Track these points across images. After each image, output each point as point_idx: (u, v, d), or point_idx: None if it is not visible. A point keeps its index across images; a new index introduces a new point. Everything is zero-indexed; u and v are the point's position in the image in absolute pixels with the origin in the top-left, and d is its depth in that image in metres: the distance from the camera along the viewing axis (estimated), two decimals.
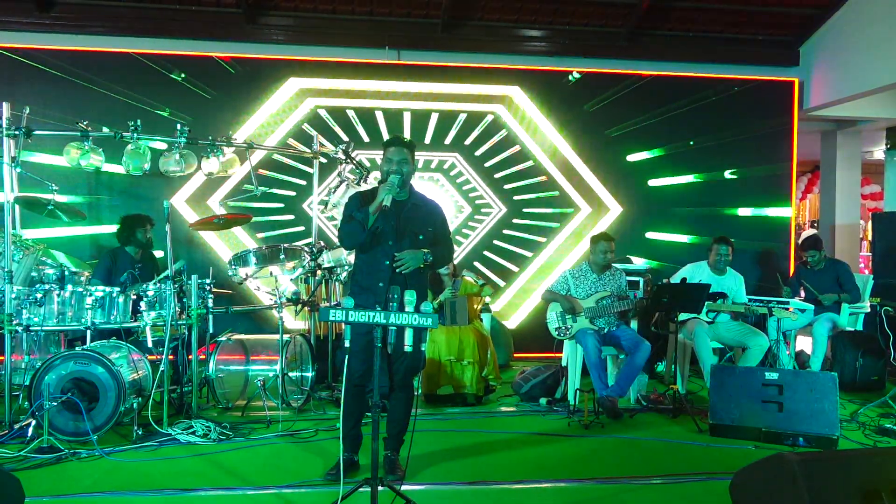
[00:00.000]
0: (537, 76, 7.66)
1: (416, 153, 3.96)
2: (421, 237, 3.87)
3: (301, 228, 7.30)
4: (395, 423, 3.96)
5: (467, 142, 7.56)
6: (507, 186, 7.64)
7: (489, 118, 7.58)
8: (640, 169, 7.81)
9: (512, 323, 7.61)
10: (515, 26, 7.75)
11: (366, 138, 7.36)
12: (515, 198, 7.65)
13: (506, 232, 7.67)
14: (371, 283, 3.82)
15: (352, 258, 4.83)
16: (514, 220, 7.67)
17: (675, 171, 7.85)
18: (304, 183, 7.27)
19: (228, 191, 7.14)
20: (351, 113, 7.36)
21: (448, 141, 7.54)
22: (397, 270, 3.77)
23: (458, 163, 7.57)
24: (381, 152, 3.95)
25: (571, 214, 7.75)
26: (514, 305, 7.66)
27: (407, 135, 7.39)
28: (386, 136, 7.34)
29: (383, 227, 3.81)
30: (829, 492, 2.80)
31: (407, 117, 7.49)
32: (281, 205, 7.25)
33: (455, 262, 6.44)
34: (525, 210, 7.68)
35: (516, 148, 7.64)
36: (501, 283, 7.61)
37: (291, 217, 7.33)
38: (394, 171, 3.79)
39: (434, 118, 7.51)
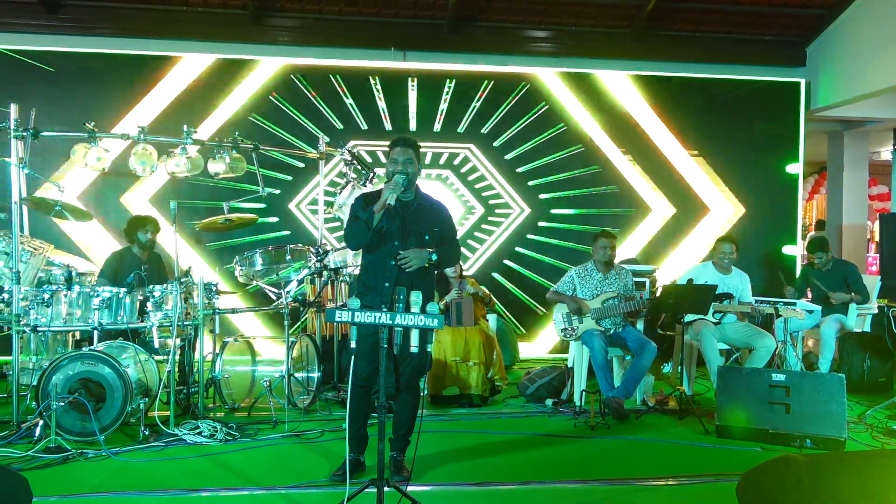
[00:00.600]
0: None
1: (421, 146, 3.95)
2: (427, 237, 3.87)
3: (286, 233, 7.16)
4: (401, 425, 3.96)
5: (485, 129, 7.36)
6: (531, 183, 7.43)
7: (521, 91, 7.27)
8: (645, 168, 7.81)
9: (541, 350, 7.29)
10: (521, 27, 7.75)
11: (362, 121, 7.20)
12: (542, 196, 7.44)
13: (531, 237, 7.48)
14: (377, 284, 3.83)
15: (359, 259, 4.83)
16: (541, 224, 7.46)
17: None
18: (289, 179, 7.15)
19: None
20: (339, 88, 7.20)
21: (462, 128, 7.34)
22: (402, 268, 3.77)
23: (473, 156, 7.37)
24: (376, 141, 3.96)
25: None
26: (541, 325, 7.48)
27: (413, 114, 7.32)
28: (386, 117, 7.28)
29: (389, 228, 3.81)
30: (836, 494, 2.79)
31: (412, 91, 7.34)
32: (262, 205, 6.81)
33: (470, 272, 6.43)
34: (554, 211, 7.45)
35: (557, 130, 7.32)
36: (541, 311, 7.24)
37: (276, 219, 7.14)
38: (399, 172, 3.79)
39: (448, 88, 7.21)
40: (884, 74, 7.12)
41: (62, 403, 4.32)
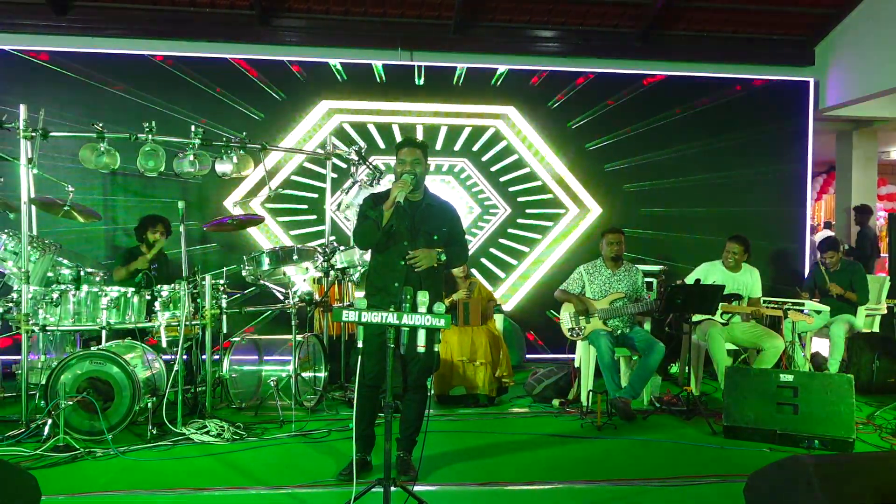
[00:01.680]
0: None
1: (430, 158, 3.98)
2: (435, 237, 3.88)
3: (323, 227, 7.33)
4: (409, 424, 3.97)
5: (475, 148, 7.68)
6: (511, 189, 7.72)
7: (491, 131, 7.69)
8: (653, 169, 7.79)
9: (509, 305, 7.69)
10: (527, 27, 7.74)
11: (382, 145, 7.46)
12: (519, 199, 7.74)
13: (510, 231, 7.77)
14: (386, 284, 3.84)
15: (366, 257, 4.82)
16: (519, 220, 7.76)
17: (690, 171, 7.81)
18: (325, 185, 7.31)
19: (245, 192, 7.23)
20: (371, 127, 7.49)
21: (457, 148, 7.65)
22: (413, 268, 3.78)
23: (467, 167, 7.66)
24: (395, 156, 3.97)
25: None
26: (514, 289, 7.74)
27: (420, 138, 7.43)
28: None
29: (398, 228, 3.82)
30: (844, 495, 2.78)
31: (420, 130, 7.61)
32: (305, 206, 7.36)
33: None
34: (528, 211, 7.74)
35: (515, 156, 7.73)
36: (503, 275, 7.71)
37: (314, 217, 7.43)
38: (407, 171, 3.81)
39: (443, 131, 7.61)
40: (893, 73, 7.09)
41: (70, 402, 4.34)
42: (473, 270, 7.29)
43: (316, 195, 7.33)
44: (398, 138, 7.42)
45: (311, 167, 7.37)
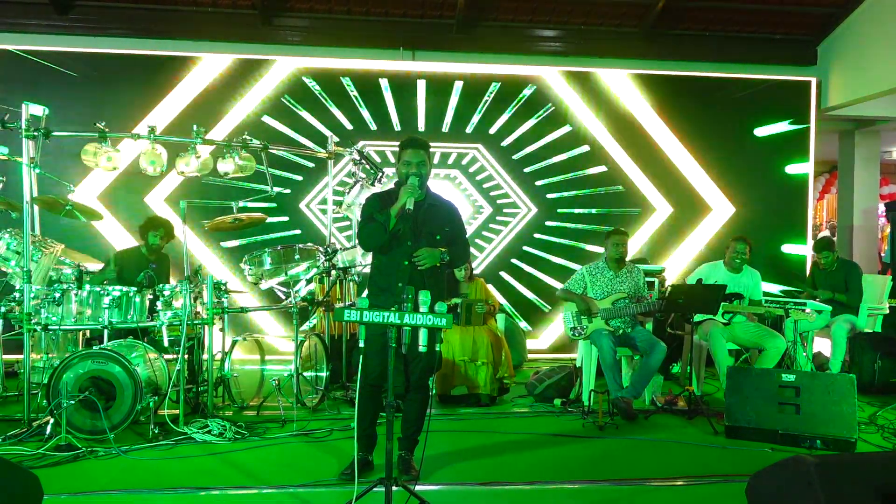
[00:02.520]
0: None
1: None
2: (438, 237, 3.88)
3: (297, 231, 7.18)
4: (410, 424, 3.96)
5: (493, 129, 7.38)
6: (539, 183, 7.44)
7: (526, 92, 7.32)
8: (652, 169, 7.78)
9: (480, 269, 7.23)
10: (530, 26, 7.74)
11: (369, 119, 7.23)
12: (549, 196, 7.44)
13: (538, 236, 7.47)
14: (390, 284, 3.84)
15: (369, 258, 4.81)
16: (548, 223, 7.46)
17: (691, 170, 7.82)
18: (300, 179, 7.17)
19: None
20: (348, 84, 7.23)
21: (469, 129, 7.36)
22: (417, 267, 3.79)
23: (481, 156, 7.40)
24: (383, 141, 3.97)
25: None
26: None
27: (421, 115, 7.33)
28: (395, 117, 7.29)
29: (402, 229, 3.82)
30: (846, 495, 2.77)
31: (422, 88, 7.37)
32: (272, 205, 6.68)
33: (478, 271, 6.43)
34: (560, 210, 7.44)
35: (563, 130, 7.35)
36: (547, 308, 7.30)
37: (285, 219, 7.16)
38: (413, 174, 3.81)
39: (457, 89, 7.26)
40: (895, 73, 7.07)
41: (73, 401, 4.34)
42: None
43: (288, 191, 7.22)
44: (387, 94, 7.27)
45: (288, 158, 7.06)
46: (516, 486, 3.84)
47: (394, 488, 3.12)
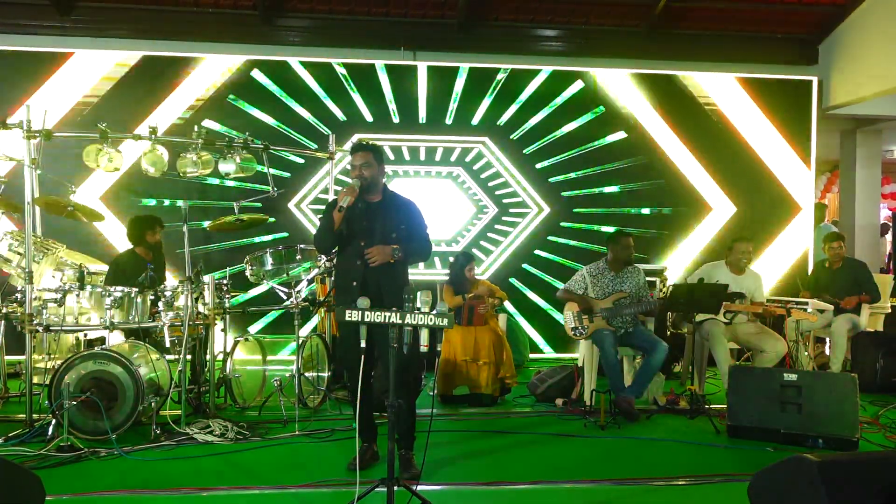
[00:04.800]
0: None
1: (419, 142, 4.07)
2: (393, 235, 3.96)
3: (284, 234, 7.11)
4: (401, 423, 3.97)
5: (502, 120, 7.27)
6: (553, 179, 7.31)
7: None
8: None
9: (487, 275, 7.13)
10: (531, 26, 7.73)
11: (364, 110, 7.18)
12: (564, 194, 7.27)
13: (551, 239, 7.34)
14: (345, 284, 3.97)
15: None
16: (563, 224, 7.36)
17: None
18: (287, 175, 7.09)
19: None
20: (344, 75, 7.17)
21: (476, 121, 7.27)
22: (368, 265, 3.87)
23: (487, 150, 7.27)
24: (381, 134, 4.03)
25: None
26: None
27: (422, 105, 7.31)
28: (394, 106, 7.26)
29: (355, 229, 3.94)
30: (848, 495, 2.77)
31: (423, 75, 7.29)
32: (257, 204, 6.11)
33: (485, 277, 6.41)
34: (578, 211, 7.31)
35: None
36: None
37: (272, 220, 6.87)
38: (356, 176, 3.94)
39: (462, 75, 7.14)
40: None
41: (74, 402, 4.34)
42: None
43: (281, 192, 7.08)
44: (384, 81, 7.18)
45: (275, 154, 6.81)
46: (518, 485, 3.84)
47: (396, 488, 3.12)
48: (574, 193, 7.47)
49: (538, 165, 7.44)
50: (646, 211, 7.61)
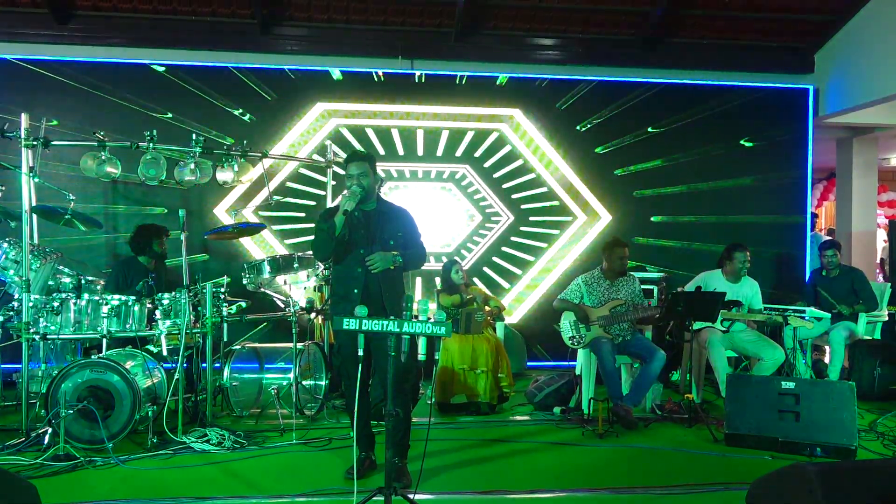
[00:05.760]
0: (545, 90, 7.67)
1: (412, 164, 4.10)
2: (391, 242, 4.01)
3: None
4: (396, 430, 3.97)
5: (476, 154, 7.64)
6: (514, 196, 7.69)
7: (494, 135, 7.66)
8: (654, 176, 7.79)
9: (516, 317, 7.61)
10: (528, 35, 7.76)
11: (381, 151, 7.44)
12: (523, 206, 7.70)
13: (514, 239, 7.72)
14: (346, 292, 3.97)
15: None
16: (522, 228, 7.72)
17: (688, 179, 7.82)
18: (323, 193, 7.30)
19: (234, 199, 7.18)
20: (370, 131, 7.45)
21: (459, 154, 7.62)
22: (369, 272, 3.90)
23: (469, 174, 7.63)
24: (395, 164, 4.06)
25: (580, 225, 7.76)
26: (519, 299, 7.67)
27: (420, 149, 7.47)
28: (401, 151, 7.41)
29: (354, 237, 3.96)
30: (847, 503, 2.77)
31: (420, 134, 7.56)
32: (303, 214, 7.27)
33: (465, 268, 6.49)
34: (532, 218, 7.70)
35: (519, 161, 7.70)
36: (507, 285, 7.64)
37: (312, 225, 7.35)
38: (354, 184, 3.97)
39: (445, 135, 7.58)
40: (893, 80, 7.09)
41: (71, 411, 4.33)
42: (476, 280, 7.33)
43: (314, 203, 7.29)
44: (398, 143, 7.44)
45: (308, 174, 7.31)
46: (516, 494, 3.84)
47: (393, 497, 3.12)
48: (529, 207, 7.75)
49: (504, 186, 7.72)
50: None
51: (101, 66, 7.09)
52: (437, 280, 6.26)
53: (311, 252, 5.59)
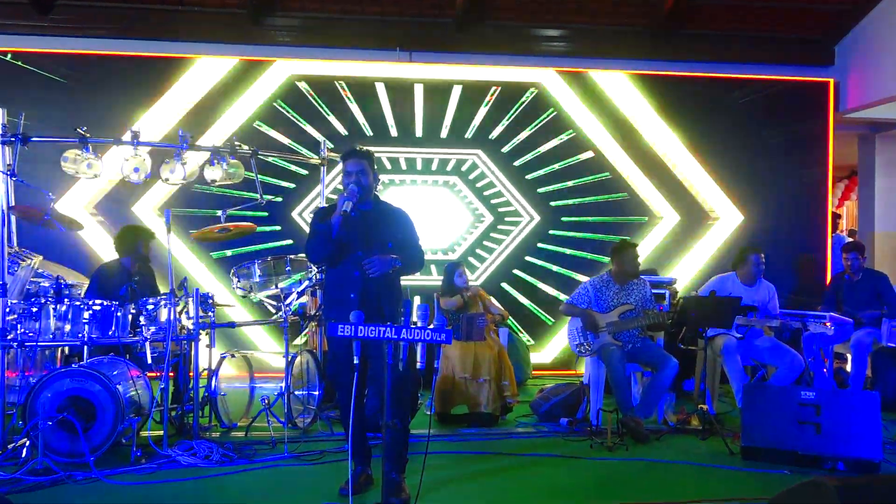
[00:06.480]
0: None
1: (421, 152, 4.06)
2: (390, 244, 3.97)
3: (289, 242, 7.15)
4: (392, 443, 3.95)
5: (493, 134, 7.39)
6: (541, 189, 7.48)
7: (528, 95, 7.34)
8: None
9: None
10: (532, 26, 7.75)
11: (362, 120, 7.23)
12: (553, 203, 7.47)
13: (541, 246, 7.48)
14: (342, 296, 3.93)
15: None
16: (552, 232, 7.49)
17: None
18: (292, 186, 7.14)
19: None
20: (341, 85, 7.21)
21: (469, 134, 7.37)
22: (367, 276, 3.85)
23: (481, 162, 7.40)
24: (380, 147, 4.03)
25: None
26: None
27: (419, 119, 7.36)
28: (391, 120, 7.29)
29: (351, 239, 3.92)
30: None
31: (419, 93, 7.36)
32: (264, 213, 6.79)
33: (478, 282, 6.48)
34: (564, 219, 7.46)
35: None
36: (551, 320, 7.32)
37: (278, 228, 7.17)
38: (353, 182, 3.93)
39: (456, 93, 7.28)
40: None
41: (50, 423, 4.31)
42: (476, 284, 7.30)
43: (280, 199, 7.18)
44: (384, 101, 7.28)
45: (280, 164, 7.08)
46: None
47: None
48: (562, 203, 7.57)
49: (528, 176, 7.53)
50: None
51: (84, 58, 7.09)
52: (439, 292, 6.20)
53: (303, 254, 5.59)
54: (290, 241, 7.22)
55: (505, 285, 7.39)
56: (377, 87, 7.32)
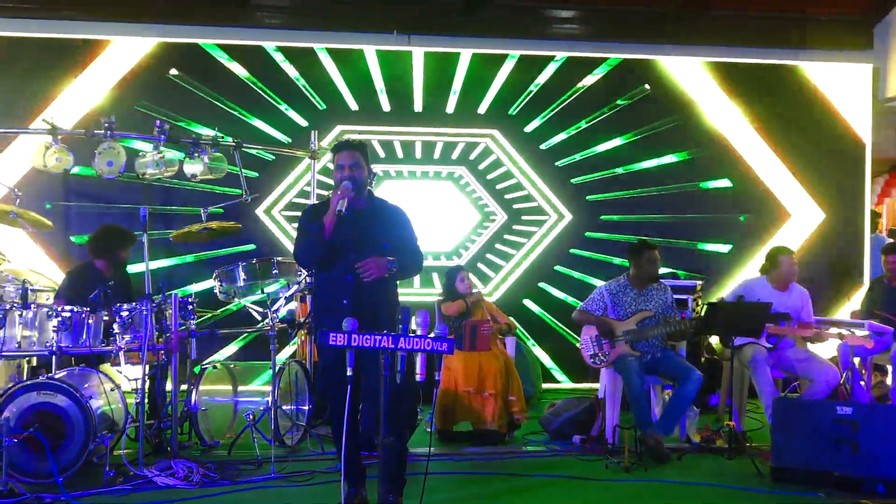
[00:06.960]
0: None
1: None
2: (385, 245, 3.97)
3: (251, 246, 7.01)
4: (389, 462, 3.95)
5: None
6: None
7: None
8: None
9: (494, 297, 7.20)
10: (544, 6, 7.75)
11: (349, 97, 7.14)
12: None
13: (574, 251, 7.35)
14: (334, 302, 3.93)
15: None
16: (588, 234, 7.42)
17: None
18: (255, 175, 6.82)
19: None
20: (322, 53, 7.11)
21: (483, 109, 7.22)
22: (361, 280, 3.85)
23: (496, 146, 7.31)
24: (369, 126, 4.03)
25: None
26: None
27: (418, 89, 7.32)
28: (381, 87, 7.23)
29: (343, 240, 3.91)
30: None
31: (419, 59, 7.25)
32: (219, 210, 6.19)
33: (491, 299, 6.44)
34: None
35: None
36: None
37: (239, 225, 6.64)
38: (346, 177, 3.92)
39: (465, 58, 7.19)
40: None
41: (15, 440, 4.31)
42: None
43: (239, 192, 6.91)
44: (373, 67, 7.17)
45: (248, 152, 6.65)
46: None
47: None
48: (601, 197, 7.42)
49: (558, 163, 7.37)
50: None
51: (55, 42, 7.09)
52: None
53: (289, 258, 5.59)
54: (251, 246, 7.04)
55: (528, 303, 7.25)
56: (365, 52, 7.16)
